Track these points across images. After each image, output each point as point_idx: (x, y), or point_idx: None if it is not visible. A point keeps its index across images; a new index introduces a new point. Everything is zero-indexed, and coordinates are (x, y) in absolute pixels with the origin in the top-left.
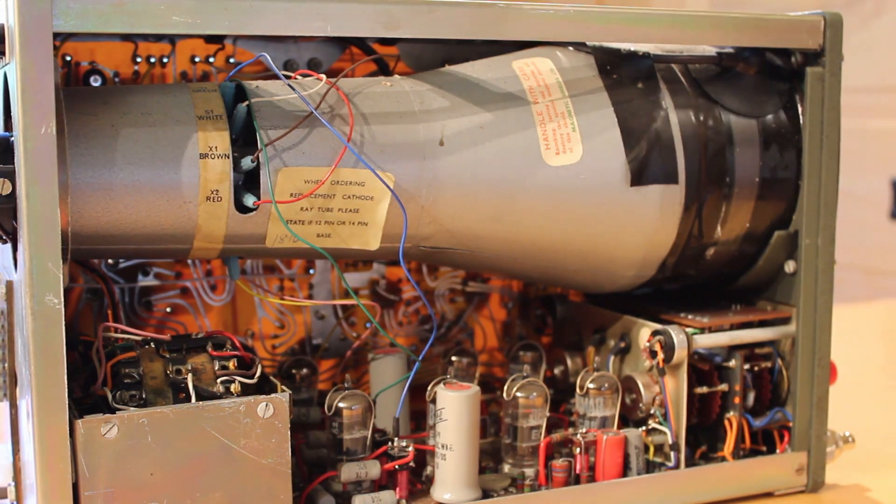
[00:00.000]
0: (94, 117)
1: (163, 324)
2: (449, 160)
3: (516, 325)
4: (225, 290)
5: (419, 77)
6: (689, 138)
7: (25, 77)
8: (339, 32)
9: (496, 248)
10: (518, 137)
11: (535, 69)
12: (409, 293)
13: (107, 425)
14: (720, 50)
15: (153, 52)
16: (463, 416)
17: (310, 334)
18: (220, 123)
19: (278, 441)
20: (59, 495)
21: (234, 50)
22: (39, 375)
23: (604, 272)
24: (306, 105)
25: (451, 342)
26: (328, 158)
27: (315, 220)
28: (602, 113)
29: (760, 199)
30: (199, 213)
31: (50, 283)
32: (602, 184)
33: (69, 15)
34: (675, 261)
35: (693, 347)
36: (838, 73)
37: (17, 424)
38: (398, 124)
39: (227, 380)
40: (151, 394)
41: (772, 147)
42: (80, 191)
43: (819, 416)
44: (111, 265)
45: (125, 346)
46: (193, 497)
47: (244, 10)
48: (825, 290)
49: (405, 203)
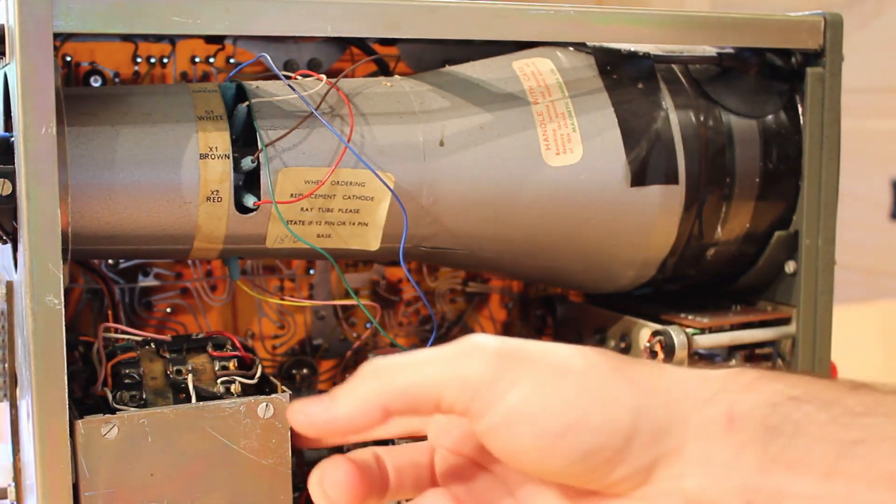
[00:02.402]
0: (94, 117)
1: (163, 324)
2: (449, 160)
3: (516, 325)
4: (225, 291)
5: (419, 77)
6: (690, 139)
7: (25, 77)
8: (339, 33)
9: (496, 248)
10: (518, 138)
11: (536, 69)
12: (410, 293)
13: (107, 426)
14: (720, 50)
15: (153, 52)
16: None
17: (310, 335)
18: (221, 124)
19: (278, 441)
20: (59, 496)
21: (234, 50)
22: (39, 376)
23: (604, 272)
24: (306, 105)
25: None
26: (328, 159)
27: (315, 220)
28: (602, 113)
29: (760, 200)
30: (200, 214)
31: (50, 284)
32: (602, 184)
33: (69, 15)
34: (676, 261)
35: (693, 348)
36: (838, 73)
37: (17, 425)
38: (398, 125)
39: (228, 380)
40: (151, 394)
41: (772, 147)
42: (81, 191)
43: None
44: (111, 265)
45: (125, 346)
46: (193, 497)
47: (244, 11)
48: (825, 291)
49: (405, 203)
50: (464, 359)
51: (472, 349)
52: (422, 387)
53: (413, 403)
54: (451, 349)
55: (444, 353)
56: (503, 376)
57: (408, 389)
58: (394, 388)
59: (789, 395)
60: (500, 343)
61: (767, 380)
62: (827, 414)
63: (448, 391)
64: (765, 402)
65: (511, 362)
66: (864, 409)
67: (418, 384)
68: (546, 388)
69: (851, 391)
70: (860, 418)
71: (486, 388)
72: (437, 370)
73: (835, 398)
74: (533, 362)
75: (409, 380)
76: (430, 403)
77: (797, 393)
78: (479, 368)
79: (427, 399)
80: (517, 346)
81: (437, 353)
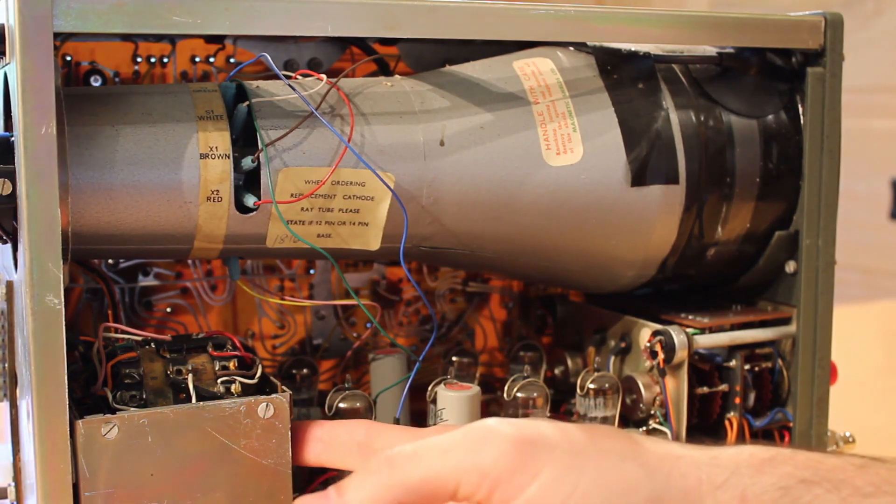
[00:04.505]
0: (94, 117)
1: (163, 324)
2: (449, 160)
3: (517, 325)
4: (225, 291)
5: (420, 77)
6: (690, 138)
7: (25, 77)
8: (339, 32)
9: (497, 248)
10: (519, 137)
11: (536, 69)
12: (410, 293)
13: (107, 425)
14: (720, 50)
15: (153, 52)
16: (463, 417)
17: (310, 334)
18: (221, 123)
19: (279, 441)
20: (59, 495)
21: (234, 50)
22: (39, 375)
23: (604, 272)
24: (307, 105)
25: (451, 342)
26: (328, 158)
27: (315, 220)
28: (603, 113)
29: (761, 200)
30: (200, 214)
31: (50, 284)
32: (603, 184)
33: (69, 15)
34: (676, 261)
35: (693, 348)
36: (839, 73)
37: (18, 425)
38: (399, 124)
39: (228, 380)
40: (152, 394)
41: (772, 147)
42: (81, 191)
43: (819, 417)
44: (111, 265)
45: (125, 346)
46: (194, 497)
47: (244, 10)
48: (825, 291)
49: (406, 203)
50: (480, 448)
51: (488, 436)
52: (438, 479)
53: (428, 496)
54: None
55: (459, 441)
56: (523, 467)
57: (424, 483)
58: (408, 481)
59: (800, 477)
60: (515, 430)
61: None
62: (836, 496)
63: (466, 483)
64: (775, 485)
65: (529, 452)
66: (873, 489)
67: (434, 476)
68: (565, 479)
69: (860, 470)
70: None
71: (505, 481)
72: (453, 461)
73: (844, 479)
74: (550, 450)
75: (425, 472)
76: (446, 495)
77: (807, 475)
78: (497, 459)
79: (443, 491)
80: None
81: (451, 441)
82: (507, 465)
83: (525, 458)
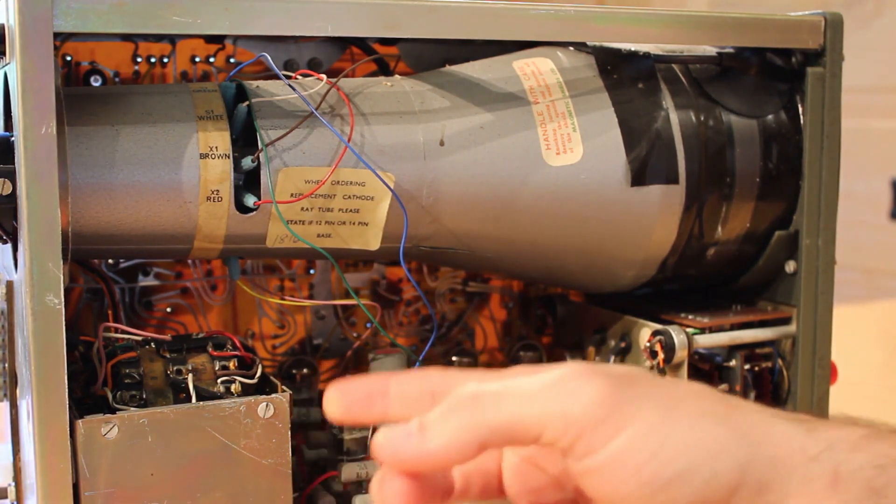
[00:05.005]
0: (94, 117)
1: (163, 324)
2: (449, 160)
3: (517, 325)
4: (225, 290)
5: (420, 77)
6: (690, 138)
7: (25, 77)
8: (339, 32)
9: (497, 248)
10: (518, 137)
11: (536, 69)
12: (410, 293)
13: (107, 425)
14: (720, 50)
15: (153, 52)
16: None
17: (310, 334)
18: (221, 123)
19: (279, 441)
20: (59, 495)
21: (234, 50)
22: (39, 375)
23: (604, 272)
24: (307, 105)
25: (451, 342)
26: (328, 158)
27: (315, 220)
28: (603, 113)
29: (761, 200)
30: (200, 214)
31: (50, 283)
32: (603, 184)
33: (69, 15)
34: (676, 261)
35: (693, 347)
36: (839, 73)
37: (18, 424)
38: (399, 124)
39: (228, 380)
40: (152, 394)
41: (772, 147)
42: (81, 191)
43: (819, 416)
44: (111, 265)
45: (125, 346)
46: (194, 497)
47: (244, 10)
48: (825, 290)
49: (405, 203)
50: (569, 395)
51: (579, 383)
52: (523, 423)
53: (512, 439)
54: (553, 379)
55: (549, 385)
56: (611, 418)
57: (509, 425)
58: (493, 423)
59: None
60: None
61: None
62: None
63: (551, 429)
64: (871, 463)
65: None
66: None
67: (519, 420)
68: (655, 435)
69: None
70: None
71: (591, 429)
72: (541, 406)
73: None
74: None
75: (510, 415)
76: (530, 439)
77: None
78: (586, 408)
79: (528, 435)
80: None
81: (540, 385)
82: (596, 414)
83: (615, 410)
